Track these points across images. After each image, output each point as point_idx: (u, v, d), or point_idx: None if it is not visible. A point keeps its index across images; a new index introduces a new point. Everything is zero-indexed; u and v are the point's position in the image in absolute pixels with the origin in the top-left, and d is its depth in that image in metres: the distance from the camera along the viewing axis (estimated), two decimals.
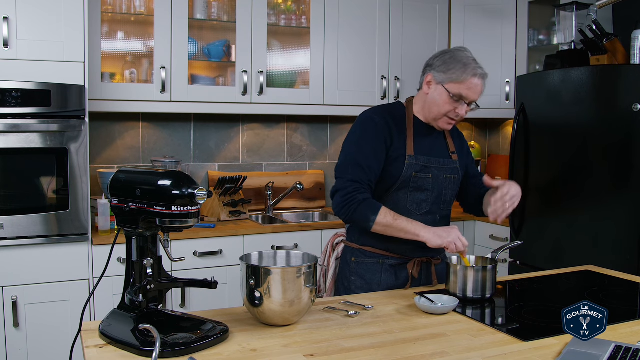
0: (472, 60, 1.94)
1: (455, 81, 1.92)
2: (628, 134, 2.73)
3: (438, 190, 2.02)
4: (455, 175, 2.07)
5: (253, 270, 1.52)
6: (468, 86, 1.92)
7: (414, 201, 2.00)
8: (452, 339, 1.48)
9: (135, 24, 3.30)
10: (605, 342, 1.39)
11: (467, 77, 1.91)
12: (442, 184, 2.03)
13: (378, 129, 1.97)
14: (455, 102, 1.94)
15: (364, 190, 1.91)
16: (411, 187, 1.98)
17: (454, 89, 1.93)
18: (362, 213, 1.88)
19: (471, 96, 1.94)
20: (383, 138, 1.96)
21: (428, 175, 2.00)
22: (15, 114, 2.61)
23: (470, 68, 1.92)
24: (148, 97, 3.15)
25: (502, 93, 3.85)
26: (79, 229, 2.76)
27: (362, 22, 3.66)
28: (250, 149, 3.78)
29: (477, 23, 3.90)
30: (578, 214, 2.97)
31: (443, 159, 2.05)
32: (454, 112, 1.96)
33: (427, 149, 2.02)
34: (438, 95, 1.96)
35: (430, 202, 2.01)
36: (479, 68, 1.93)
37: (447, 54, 1.98)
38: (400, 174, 1.96)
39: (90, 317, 2.81)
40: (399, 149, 1.98)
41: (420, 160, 1.99)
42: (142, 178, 1.48)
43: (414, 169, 1.97)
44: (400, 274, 2.03)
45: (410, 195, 1.99)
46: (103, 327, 1.47)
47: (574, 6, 3.35)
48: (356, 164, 1.93)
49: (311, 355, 1.37)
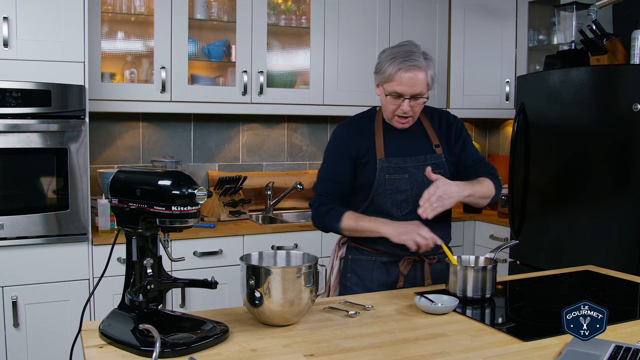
0: (402, 54, 1.89)
1: (387, 80, 1.91)
2: (628, 134, 2.73)
3: (418, 189, 1.99)
4: (439, 170, 2.01)
5: (253, 270, 1.52)
6: (399, 82, 1.89)
7: (394, 203, 2.00)
8: (452, 339, 1.48)
9: (135, 24, 3.30)
10: (605, 342, 1.39)
11: (393, 72, 1.88)
12: (423, 182, 1.99)
13: (341, 142, 2.04)
14: (395, 99, 1.93)
15: (328, 202, 2.01)
16: (388, 189, 1.99)
17: (388, 87, 1.92)
18: (329, 223, 2.00)
19: (407, 90, 1.90)
20: (347, 149, 2.03)
21: (404, 176, 2.00)
22: (15, 114, 2.61)
23: (396, 62, 1.88)
24: (148, 97, 3.15)
25: (502, 93, 3.85)
26: (79, 229, 2.76)
27: (362, 22, 3.66)
28: (250, 149, 3.77)
29: (477, 23, 3.90)
30: (578, 214, 2.97)
31: (423, 155, 2.03)
32: (399, 110, 1.95)
33: (401, 149, 2.02)
34: (382, 97, 1.98)
35: (411, 202, 2.00)
36: (406, 60, 1.87)
37: (384, 51, 1.97)
38: (373, 179, 1.99)
39: (90, 317, 2.81)
40: (367, 155, 2.01)
41: (392, 162, 1.99)
42: (142, 178, 1.48)
43: (387, 171, 1.98)
44: (391, 272, 2.04)
45: (390, 197, 2.00)
46: (103, 327, 1.47)
47: (574, 6, 3.35)
48: (323, 178, 2.06)
49: (311, 355, 1.37)
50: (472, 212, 3.84)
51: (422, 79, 1.90)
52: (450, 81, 3.96)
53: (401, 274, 2.03)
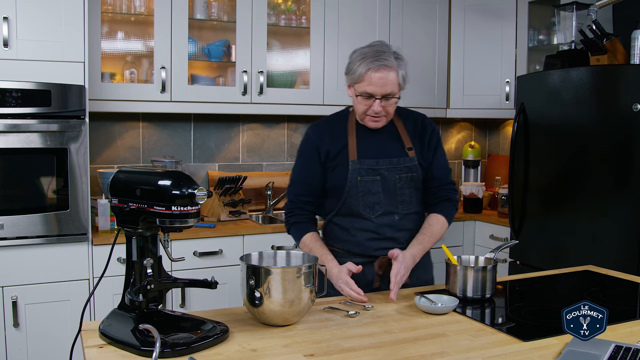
0: (372, 53, 1.89)
1: (357, 80, 1.91)
2: (628, 134, 2.73)
3: (391, 191, 1.99)
4: (412, 174, 2.01)
5: (253, 270, 1.52)
6: (369, 82, 1.88)
7: (366, 205, 1.99)
8: (452, 339, 1.48)
9: (135, 24, 3.30)
10: (605, 342, 1.39)
11: (363, 73, 1.88)
12: (395, 184, 1.99)
13: (310, 145, 2.05)
14: (366, 100, 1.92)
15: (296, 212, 2.05)
16: (360, 191, 1.98)
17: (359, 88, 1.91)
18: (292, 235, 2.08)
19: (377, 91, 1.89)
20: (317, 152, 2.03)
21: (376, 178, 1.98)
22: (15, 114, 2.61)
23: (365, 62, 1.87)
24: (148, 97, 3.15)
25: (502, 93, 3.85)
26: (79, 229, 2.76)
27: (362, 22, 3.66)
28: (250, 149, 3.78)
29: (477, 23, 3.90)
30: (578, 214, 2.97)
31: (396, 158, 2.01)
32: (370, 110, 1.94)
33: (374, 151, 2.00)
34: (353, 98, 1.98)
35: (384, 205, 1.99)
36: (376, 60, 1.87)
37: (353, 54, 1.96)
38: (345, 181, 1.98)
39: (90, 317, 2.81)
40: (338, 157, 2.00)
41: (365, 164, 1.98)
42: (142, 178, 1.48)
43: (359, 173, 1.97)
44: (367, 272, 2.01)
45: (362, 199, 1.98)
46: (103, 327, 1.47)
47: (574, 6, 3.35)
48: (294, 180, 2.09)
49: (311, 355, 1.37)
50: (472, 212, 3.84)
51: (392, 79, 1.89)
52: (450, 81, 3.96)
53: (377, 275, 2.00)
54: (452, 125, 4.45)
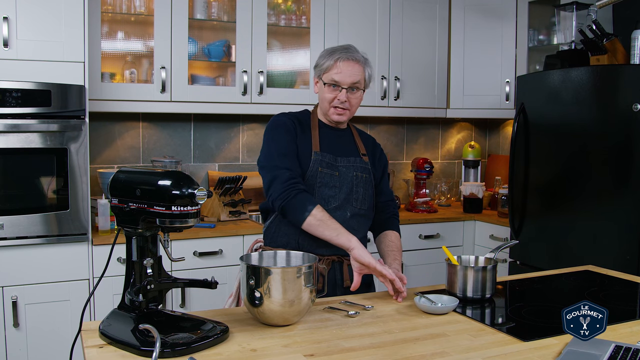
0: (341, 48, 2.05)
1: (326, 70, 2.04)
2: (628, 134, 2.73)
3: (347, 187, 2.05)
4: (366, 175, 2.10)
5: (253, 270, 1.52)
6: (337, 70, 2.01)
7: (321, 197, 2.01)
8: (452, 339, 1.48)
9: (135, 24, 3.30)
10: (605, 342, 1.39)
11: (332, 62, 2.02)
12: (352, 182, 2.06)
13: (287, 126, 2.05)
14: (333, 89, 2.03)
15: (299, 183, 1.95)
16: (318, 182, 2.02)
17: (327, 77, 2.03)
18: (300, 201, 1.90)
19: (344, 79, 2.01)
20: (293, 134, 2.05)
21: (335, 173, 2.04)
22: (15, 114, 2.61)
23: (335, 54, 2.02)
24: (148, 97, 3.15)
25: (502, 93, 3.85)
26: (79, 229, 2.76)
27: (362, 22, 3.66)
28: (250, 149, 3.77)
29: (477, 23, 3.90)
30: (578, 214, 2.97)
31: (353, 157, 2.10)
32: (336, 100, 2.03)
33: (333, 148, 2.08)
34: (320, 89, 2.08)
35: (339, 199, 2.03)
36: (345, 52, 2.02)
37: (324, 50, 2.10)
38: (307, 169, 2.01)
39: (90, 317, 2.81)
40: (304, 146, 2.04)
41: (325, 157, 2.04)
42: (142, 178, 1.48)
43: (320, 164, 2.02)
44: None
45: (318, 190, 2.01)
46: (103, 327, 1.47)
47: (574, 6, 3.35)
48: (281, 153, 1.99)
49: (311, 355, 1.37)
50: (472, 212, 3.84)
51: (359, 71, 2.03)
52: (450, 81, 3.96)
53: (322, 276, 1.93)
54: (452, 125, 4.45)
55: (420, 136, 4.35)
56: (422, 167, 3.92)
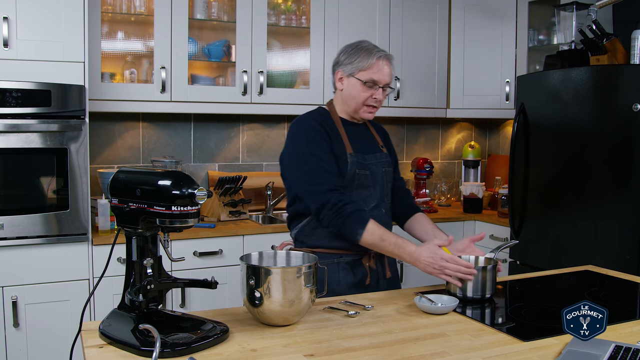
0: (373, 46, 2.03)
1: (364, 68, 1.99)
2: (628, 134, 2.73)
3: (380, 185, 2.06)
4: (390, 168, 2.13)
5: (253, 270, 1.52)
6: (376, 69, 1.98)
7: (360, 198, 2.00)
8: (452, 339, 1.48)
9: (135, 24, 3.30)
10: (605, 342, 1.39)
11: (373, 61, 1.98)
12: (382, 178, 2.07)
13: (320, 132, 1.96)
14: (370, 88, 1.99)
15: (348, 197, 1.90)
16: (355, 184, 2.00)
17: (364, 75, 1.99)
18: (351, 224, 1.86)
19: (383, 78, 2.00)
20: (328, 139, 1.98)
21: (367, 172, 2.03)
22: (15, 114, 2.61)
23: (374, 52, 2.00)
24: (148, 97, 3.15)
25: (502, 93, 3.85)
26: (79, 229, 2.76)
27: (362, 22, 3.66)
28: (250, 149, 3.78)
29: (477, 23, 3.90)
30: (578, 214, 2.97)
31: (378, 153, 2.10)
32: (372, 99, 2.00)
33: (360, 147, 2.06)
34: (352, 87, 2.01)
35: (375, 198, 2.04)
36: (382, 51, 2.02)
37: (350, 47, 2.05)
38: (345, 172, 1.98)
39: (90, 317, 2.81)
40: (338, 148, 1.99)
41: (359, 158, 2.02)
42: (142, 178, 1.48)
43: (357, 166, 2.01)
44: (357, 270, 2.02)
45: (356, 192, 2.00)
46: (103, 327, 1.47)
47: (574, 6, 3.35)
48: (324, 170, 1.91)
49: (311, 355, 1.37)
50: (472, 212, 3.84)
51: (391, 72, 2.04)
52: (450, 81, 3.96)
53: (368, 270, 2.01)
54: (452, 125, 4.45)
55: (420, 136, 4.35)
56: (422, 167, 3.92)
